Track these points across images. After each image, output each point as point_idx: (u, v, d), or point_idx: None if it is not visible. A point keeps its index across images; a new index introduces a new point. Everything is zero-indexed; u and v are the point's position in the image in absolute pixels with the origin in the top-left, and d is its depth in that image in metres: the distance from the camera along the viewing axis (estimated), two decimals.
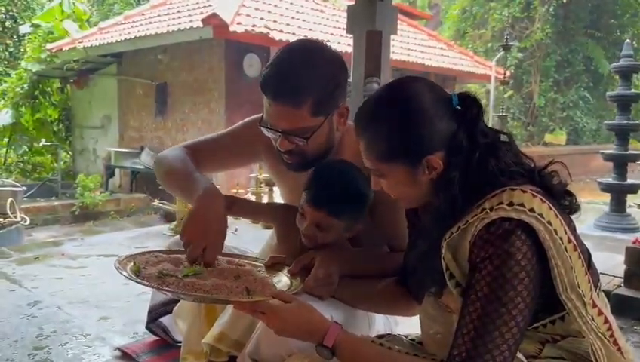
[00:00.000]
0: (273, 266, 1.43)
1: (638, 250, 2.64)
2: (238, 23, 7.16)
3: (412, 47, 10.00)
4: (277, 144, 1.43)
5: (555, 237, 1.00)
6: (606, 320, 1.09)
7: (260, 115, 1.67)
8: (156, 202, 6.89)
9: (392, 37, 3.98)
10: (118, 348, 2.11)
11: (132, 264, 1.30)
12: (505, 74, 5.35)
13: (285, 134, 1.39)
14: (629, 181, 5.49)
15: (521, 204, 1.00)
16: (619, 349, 1.09)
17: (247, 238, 1.73)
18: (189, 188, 1.45)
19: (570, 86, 15.05)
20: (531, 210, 0.99)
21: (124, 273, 1.24)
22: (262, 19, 7.78)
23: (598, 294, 1.09)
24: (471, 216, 1.04)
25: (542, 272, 1.01)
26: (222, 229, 1.37)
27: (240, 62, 7.80)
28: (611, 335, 1.09)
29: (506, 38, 4.41)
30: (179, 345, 1.90)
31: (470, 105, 1.12)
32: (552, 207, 1.03)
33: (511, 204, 1.00)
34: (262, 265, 1.44)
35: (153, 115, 9.01)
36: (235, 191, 5.93)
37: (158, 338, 2.04)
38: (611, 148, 5.72)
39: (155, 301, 1.93)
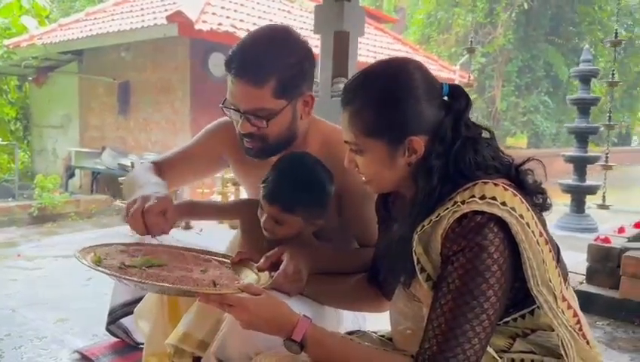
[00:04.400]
0: (240, 262, 1.39)
1: (599, 248, 2.71)
2: (204, 22, 7.06)
3: (378, 49, 10.07)
4: (238, 126, 1.41)
5: (527, 230, 1.00)
6: (575, 314, 1.10)
7: (221, 118, 1.66)
8: (118, 202, 6.73)
9: (359, 39, 3.99)
10: (77, 351, 2.03)
11: (92, 254, 1.25)
12: (469, 77, 5.45)
13: (246, 115, 1.38)
14: (588, 182, 5.65)
15: (493, 198, 1.00)
16: (587, 342, 1.10)
17: (214, 238, 1.69)
18: (136, 187, 1.45)
19: (531, 91, 15.43)
20: (503, 203, 0.99)
21: (85, 262, 1.19)
22: (228, 17, 7.70)
23: (566, 288, 1.10)
24: (443, 209, 1.03)
25: (513, 266, 1.01)
26: (161, 196, 1.35)
27: (205, 62, 7.69)
28: (580, 329, 1.09)
29: (471, 41, 4.46)
30: (140, 346, 1.85)
31: (459, 97, 1.12)
32: (523, 200, 1.03)
33: (483, 198, 1.00)
34: (229, 261, 1.40)
35: (115, 114, 8.81)
36: (200, 191, 5.83)
37: (118, 339, 1.97)
38: (571, 151, 5.88)
39: (116, 301, 1.85)
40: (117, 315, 1.86)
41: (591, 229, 5.38)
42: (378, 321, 1.43)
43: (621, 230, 3.01)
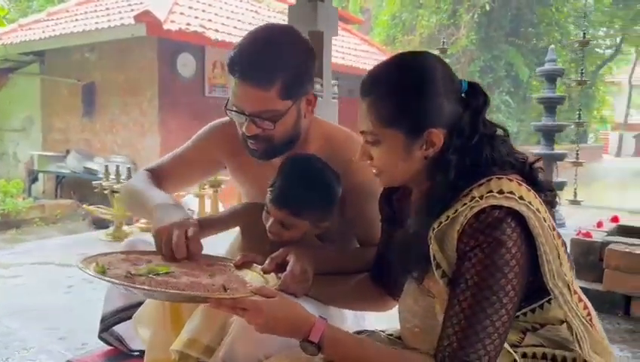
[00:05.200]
0: (243, 265, 1.38)
1: (582, 242, 2.79)
2: (172, 21, 6.99)
3: (347, 50, 10.14)
4: (243, 128, 1.39)
5: (544, 225, 1.01)
6: (585, 307, 1.12)
7: (219, 121, 1.65)
8: (85, 207, 6.56)
9: None
10: (69, 361, 1.96)
11: (95, 264, 1.22)
12: None
13: (252, 117, 1.36)
14: (555, 179, 5.80)
15: (511, 192, 1.00)
16: (597, 333, 1.13)
17: (207, 241, 1.65)
18: (146, 203, 1.45)
19: (492, 91, 15.74)
20: (521, 197, 1.00)
21: (91, 273, 1.16)
22: (196, 17, 7.64)
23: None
24: (460, 205, 1.03)
25: (529, 260, 1.02)
26: (192, 220, 1.35)
27: (174, 62, 7.60)
28: (590, 320, 1.12)
29: (443, 42, 4.56)
30: (135, 353, 1.81)
31: (478, 94, 1.13)
32: (536, 196, 1.05)
33: (501, 192, 1.00)
34: (231, 264, 1.39)
35: (80, 116, 8.60)
36: (175, 194, 5.74)
37: (111, 347, 1.90)
38: (533, 150, 6.03)
39: (108, 308, 1.79)
40: (110, 322, 1.80)
41: (559, 224, 5.52)
42: (378, 320, 1.44)
43: (599, 224, 3.11)
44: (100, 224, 6.46)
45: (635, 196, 9.17)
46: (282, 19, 9.81)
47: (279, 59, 1.34)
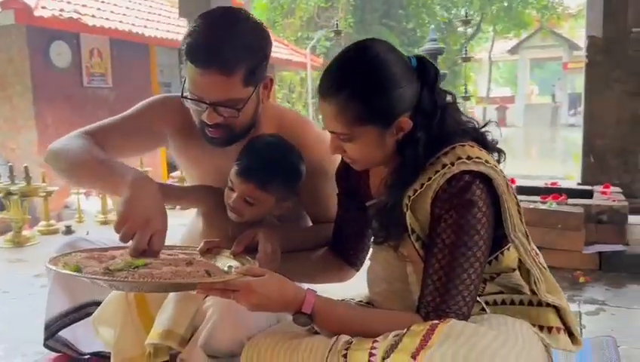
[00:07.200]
0: (209, 251, 1.37)
1: None
2: (44, 7, 6.44)
3: None
4: (203, 117, 1.35)
5: (506, 183, 1.14)
6: (537, 253, 1.27)
7: (163, 95, 1.59)
8: None
9: None
10: None
11: (62, 265, 1.17)
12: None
13: (215, 106, 1.32)
14: None
15: (477, 157, 1.11)
16: (549, 276, 1.28)
17: (107, 240, 1.55)
18: (112, 175, 1.33)
19: None
20: (487, 161, 1.12)
21: (72, 273, 1.13)
22: (69, 2, 7.09)
23: None
24: (432, 173, 1.12)
25: (494, 217, 1.13)
26: (164, 214, 1.27)
27: (46, 51, 7.01)
28: (542, 265, 1.27)
29: (337, 24, 4.69)
30: (86, 357, 1.73)
31: (428, 67, 1.18)
32: (493, 158, 1.17)
33: (469, 158, 1.10)
34: (196, 252, 1.38)
35: None
36: None
37: (59, 354, 1.77)
38: None
39: (52, 314, 1.67)
40: (55, 328, 1.68)
41: None
42: (323, 291, 1.47)
43: None
44: None
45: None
46: (161, 3, 9.42)
47: (242, 46, 1.30)
